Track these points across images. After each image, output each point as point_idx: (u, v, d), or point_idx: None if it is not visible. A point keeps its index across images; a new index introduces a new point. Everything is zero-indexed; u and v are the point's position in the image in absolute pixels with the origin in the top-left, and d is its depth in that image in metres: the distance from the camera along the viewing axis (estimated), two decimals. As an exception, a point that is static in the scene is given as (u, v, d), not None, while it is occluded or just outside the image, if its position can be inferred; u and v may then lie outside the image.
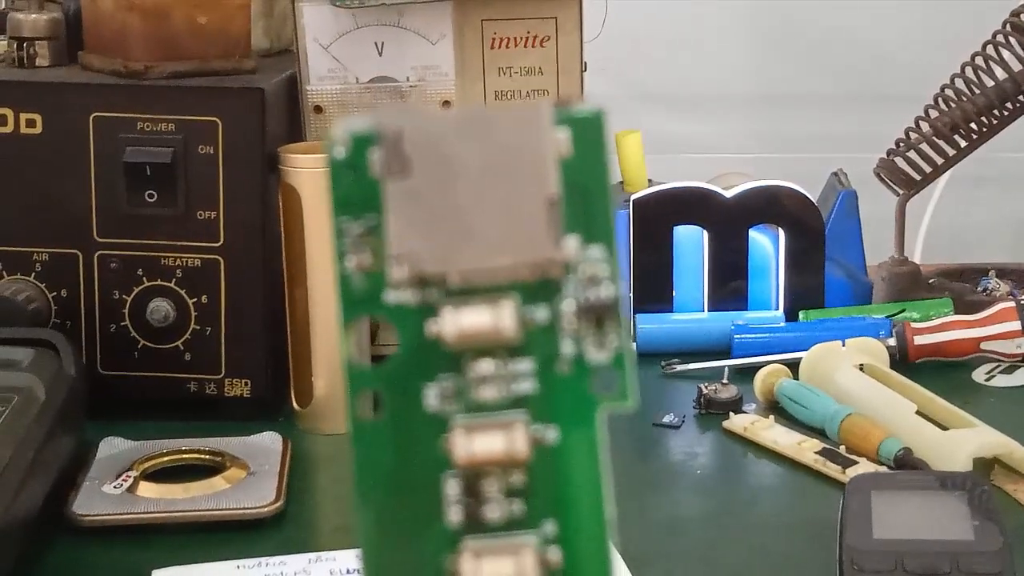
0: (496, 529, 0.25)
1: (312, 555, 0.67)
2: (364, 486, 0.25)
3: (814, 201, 1.00)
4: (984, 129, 1.02)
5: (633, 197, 0.99)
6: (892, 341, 0.92)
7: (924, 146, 1.04)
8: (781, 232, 0.99)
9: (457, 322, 0.25)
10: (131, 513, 0.71)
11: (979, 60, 1.02)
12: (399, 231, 0.25)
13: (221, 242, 0.84)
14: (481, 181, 0.25)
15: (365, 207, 0.26)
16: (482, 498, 0.25)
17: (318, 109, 0.90)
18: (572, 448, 0.25)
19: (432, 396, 0.26)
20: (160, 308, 0.84)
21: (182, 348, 0.85)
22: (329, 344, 0.83)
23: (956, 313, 0.96)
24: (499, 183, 0.25)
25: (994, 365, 0.92)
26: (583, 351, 0.26)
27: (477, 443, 0.25)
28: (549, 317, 0.26)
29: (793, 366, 0.89)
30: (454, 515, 0.25)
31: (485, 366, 0.26)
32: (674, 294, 1.00)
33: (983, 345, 0.92)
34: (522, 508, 0.25)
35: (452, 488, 0.25)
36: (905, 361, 0.92)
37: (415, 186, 0.26)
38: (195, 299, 0.85)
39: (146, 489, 0.74)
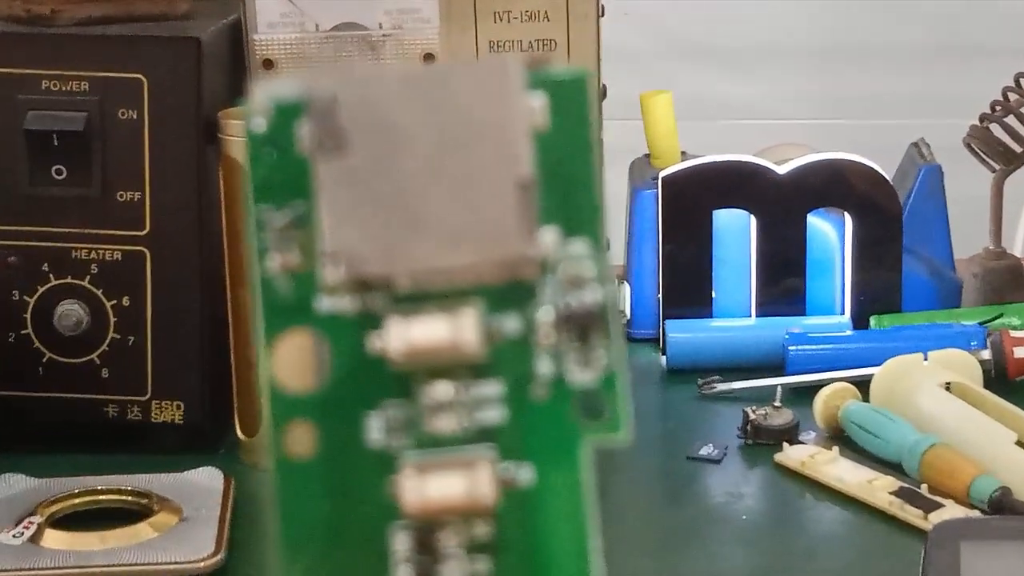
0: None
1: (261, 621, 0.67)
2: (291, 541, 0.25)
3: (888, 179, 1.00)
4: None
5: (662, 174, 0.99)
6: (987, 354, 0.92)
7: (1026, 110, 1.04)
8: (848, 218, 0.99)
9: (406, 335, 0.24)
10: (35, 569, 0.71)
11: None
12: (334, 222, 0.25)
13: (147, 230, 0.84)
14: (435, 159, 0.25)
15: (292, 193, 0.25)
16: (438, 555, 0.25)
17: (268, 64, 0.90)
18: (550, 492, 0.25)
19: (376, 428, 0.25)
20: (71, 313, 0.84)
21: (98, 363, 0.85)
22: (282, 357, 0.83)
23: (1066, 319, 0.96)
24: (457, 161, 0.25)
25: (1114, 384, 0.93)
26: (564, 371, 0.25)
27: (432, 486, 0.24)
28: (521, 329, 0.25)
29: (863, 385, 0.89)
30: None
31: (442, 390, 0.25)
32: (714, 295, 0.99)
33: (1100, 359, 0.92)
34: (488, 567, 0.25)
35: (401, 543, 0.25)
36: (1003, 379, 0.92)
37: (353, 166, 0.25)
38: (114, 301, 0.85)
39: (53, 539, 0.74)
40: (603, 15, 0.92)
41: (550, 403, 0.25)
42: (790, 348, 0.95)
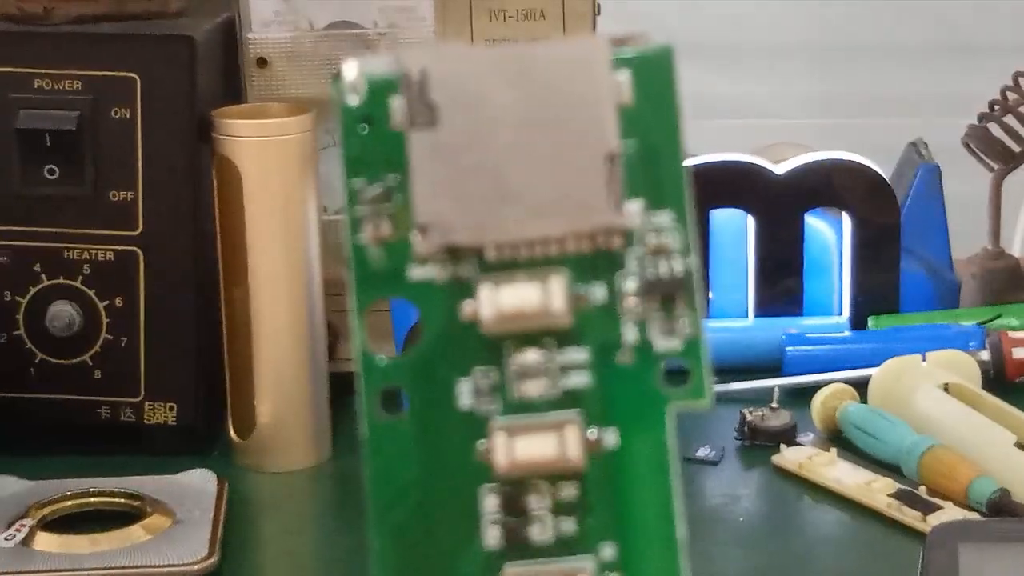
0: (543, 553, 0.25)
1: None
2: (382, 503, 0.26)
3: (887, 179, 1.00)
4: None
5: (659, 173, 0.99)
6: (985, 355, 0.92)
7: (1025, 109, 1.04)
8: (845, 218, 0.99)
9: (496, 302, 0.25)
10: (26, 572, 0.71)
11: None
12: (426, 194, 0.25)
13: (139, 230, 0.84)
14: (524, 133, 0.26)
15: (385, 166, 0.26)
16: (527, 516, 0.25)
17: (262, 62, 0.90)
18: (636, 455, 0.26)
19: (466, 393, 0.26)
20: (63, 313, 0.84)
21: (91, 363, 0.85)
22: (275, 359, 0.83)
23: (1065, 319, 0.96)
24: (546, 135, 0.25)
25: (1113, 385, 0.92)
26: (648, 338, 0.26)
27: (520, 448, 0.25)
28: (607, 297, 0.26)
29: (861, 386, 0.88)
30: (492, 537, 0.26)
31: (530, 356, 0.26)
32: (710, 296, 0.99)
33: (1100, 360, 0.92)
34: (575, 528, 0.26)
35: (490, 504, 0.26)
36: (1002, 380, 0.92)
37: (444, 140, 0.26)
38: (107, 302, 0.84)
39: (45, 541, 0.74)
40: (599, 14, 0.91)
41: (635, 369, 0.26)
42: (788, 349, 0.95)
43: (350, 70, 0.27)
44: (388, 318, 0.84)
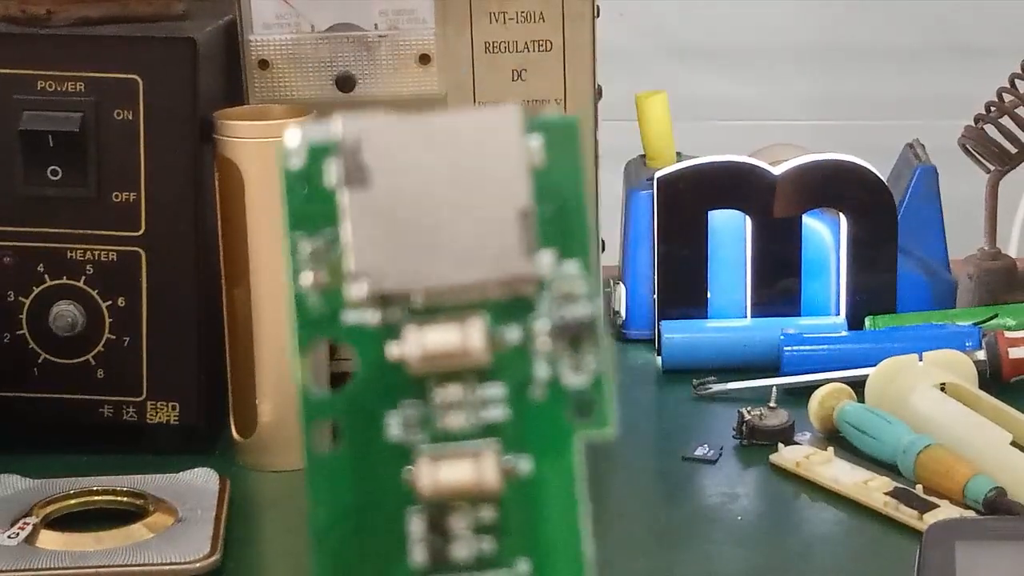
0: (465, 569, 0.28)
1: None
2: (321, 525, 0.28)
3: (884, 180, 1.00)
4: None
5: (658, 174, 0.99)
6: (981, 355, 0.92)
7: (1021, 111, 1.04)
8: (843, 218, 0.99)
9: (422, 343, 0.28)
10: (30, 569, 0.71)
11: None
12: (359, 246, 0.29)
13: (142, 231, 0.84)
14: (448, 192, 0.29)
15: (322, 221, 0.29)
16: (449, 535, 0.28)
17: (264, 64, 0.90)
18: (547, 480, 0.29)
19: (395, 425, 0.29)
20: (66, 313, 0.84)
21: (94, 363, 0.85)
22: (277, 358, 0.83)
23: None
24: (467, 194, 0.29)
25: (1109, 384, 0.93)
26: (558, 374, 0.29)
27: (443, 473, 0.28)
28: (522, 337, 0.29)
29: (858, 386, 0.89)
30: (418, 554, 0.28)
31: (452, 392, 0.29)
32: (709, 296, 0.99)
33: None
34: (493, 545, 0.28)
35: (416, 525, 0.28)
36: (998, 379, 0.92)
37: (376, 198, 0.29)
38: (109, 302, 0.85)
39: (49, 539, 0.74)
40: (598, 16, 0.92)
41: (547, 403, 0.29)
42: (785, 349, 0.95)
43: (293, 138, 0.30)
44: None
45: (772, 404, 0.87)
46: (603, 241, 0.91)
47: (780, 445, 0.85)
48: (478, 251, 0.29)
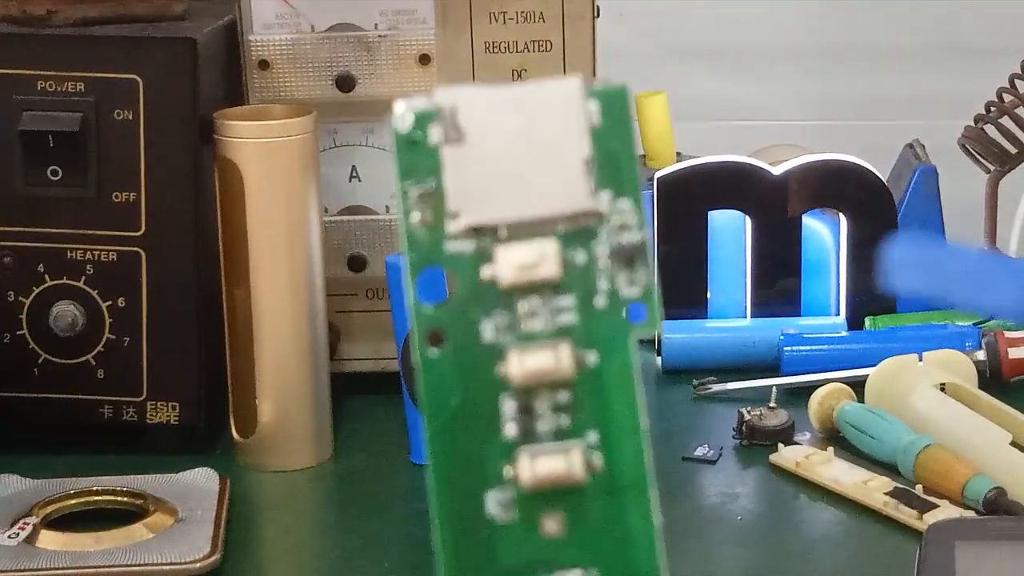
0: (546, 439, 0.36)
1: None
2: (432, 411, 0.36)
3: (884, 180, 1.00)
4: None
5: (657, 175, 0.99)
6: (981, 355, 0.92)
7: (1021, 111, 1.04)
8: (843, 218, 0.99)
9: (508, 263, 0.36)
10: (30, 570, 0.71)
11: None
12: (456, 190, 0.37)
13: (142, 231, 0.84)
14: (526, 146, 0.37)
15: (426, 172, 0.37)
16: (534, 414, 0.36)
17: (264, 64, 0.90)
18: (610, 369, 0.36)
19: (488, 330, 0.37)
20: (66, 313, 0.84)
21: (94, 363, 0.85)
22: (277, 359, 0.83)
23: (1061, 320, 0.96)
24: (542, 148, 0.37)
25: (1108, 384, 0.93)
26: (616, 287, 0.37)
27: (529, 361, 0.36)
28: (587, 259, 0.37)
29: (858, 386, 0.89)
30: (511, 430, 0.36)
31: (533, 302, 0.37)
32: (708, 296, 1.00)
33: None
34: (568, 421, 0.36)
35: (508, 407, 0.36)
36: (998, 379, 0.92)
37: (469, 152, 0.37)
38: (109, 302, 0.85)
39: (49, 539, 0.74)
40: (598, 16, 0.92)
41: (607, 309, 0.37)
42: (785, 349, 0.95)
43: (400, 107, 0.37)
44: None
45: (772, 404, 0.88)
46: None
47: (780, 445, 0.85)
48: (551, 192, 0.37)
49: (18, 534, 0.74)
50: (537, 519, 0.36)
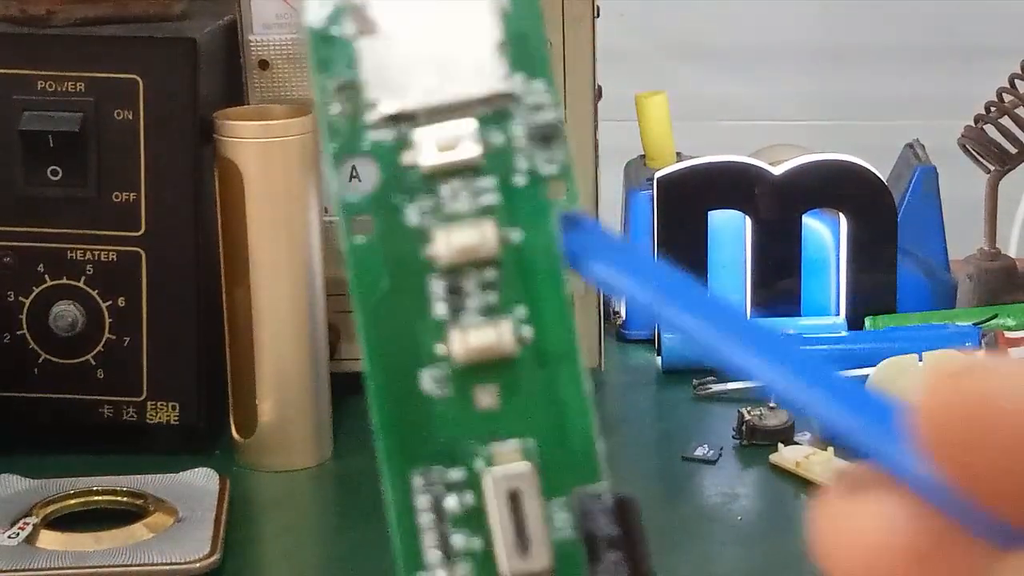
0: (475, 315, 0.37)
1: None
2: (361, 294, 0.37)
3: (884, 180, 1.00)
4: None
5: (657, 175, 0.99)
6: (981, 355, 0.92)
7: (1021, 111, 1.04)
8: (843, 219, 0.99)
9: (428, 148, 0.37)
10: (30, 569, 0.71)
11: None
12: (370, 80, 0.38)
13: (142, 231, 0.84)
14: (439, 34, 0.38)
15: (342, 65, 0.38)
16: (462, 292, 0.37)
17: (264, 64, 0.90)
18: (533, 245, 0.37)
19: (413, 214, 0.37)
20: (66, 313, 0.84)
21: (94, 363, 0.85)
22: (277, 359, 0.83)
23: (1061, 320, 0.96)
24: (454, 35, 0.38)
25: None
26: (535, 165, 0.38)
27: (455, 239, 0.37)
28: (505, 140, 0.38)
29: (857, 386, 0.89)
30: (439, 309, 0.37)
31: (455, 184, 0.37)
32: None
33: (1095, 359, 0.92)
34: (496, 298, 0.37)
35: (436, 286, 0.37)
36: (997, 379, 0.92)
37: (382, 43, 0.38)
38: (110, 302, 0.85)
39: (49, 539, 0.74)
40: (598, 16, 0.92)
41: (528, 188, 0.37)
42: (785, 349, 0.95)
43: (312, 4, 0.37)
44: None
45: (772, 404, 0.88)
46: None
47: (780, 445, 0.85)
48: (466, 77, 0.38)
49: (18, 534, 0.74)
50: (471, 393, 0.37)
